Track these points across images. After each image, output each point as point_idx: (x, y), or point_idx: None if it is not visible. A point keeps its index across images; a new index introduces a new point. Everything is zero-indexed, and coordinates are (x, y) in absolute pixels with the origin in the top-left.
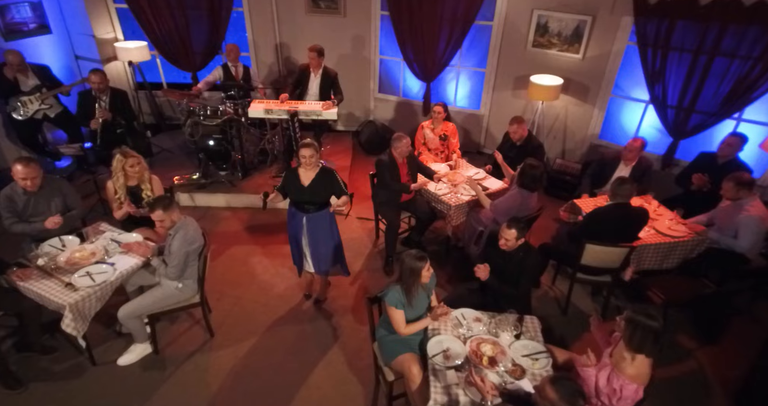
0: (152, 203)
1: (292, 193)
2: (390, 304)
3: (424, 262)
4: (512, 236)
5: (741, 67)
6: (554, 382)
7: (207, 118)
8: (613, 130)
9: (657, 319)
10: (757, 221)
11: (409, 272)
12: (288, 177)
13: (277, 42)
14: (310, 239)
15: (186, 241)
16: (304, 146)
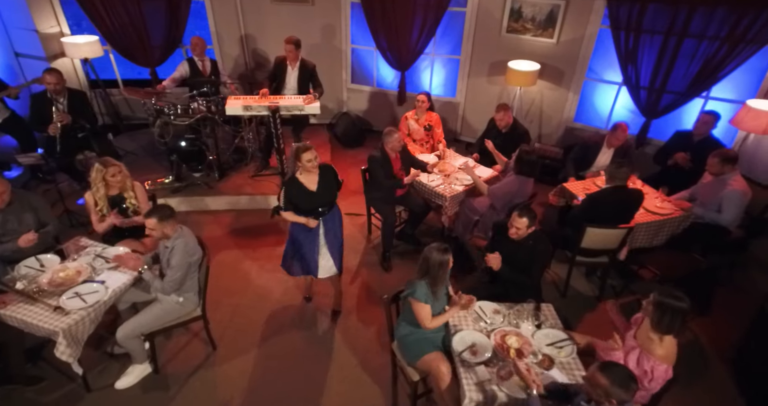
0: (150, 210)
1: (302, 203)
2: (420, 300)
3: (449, 254)
4: (524, 224)
5: (709, 48)
6: (604, 369)
7: (178, 117)
8: (587, 113)
9: (684, 300)
10: (740, 195)
11: (438, 266)
12: (290, 189)
13: (243, 33)
14: (329, 240)
15: (187, 253)
16: (305, 150)
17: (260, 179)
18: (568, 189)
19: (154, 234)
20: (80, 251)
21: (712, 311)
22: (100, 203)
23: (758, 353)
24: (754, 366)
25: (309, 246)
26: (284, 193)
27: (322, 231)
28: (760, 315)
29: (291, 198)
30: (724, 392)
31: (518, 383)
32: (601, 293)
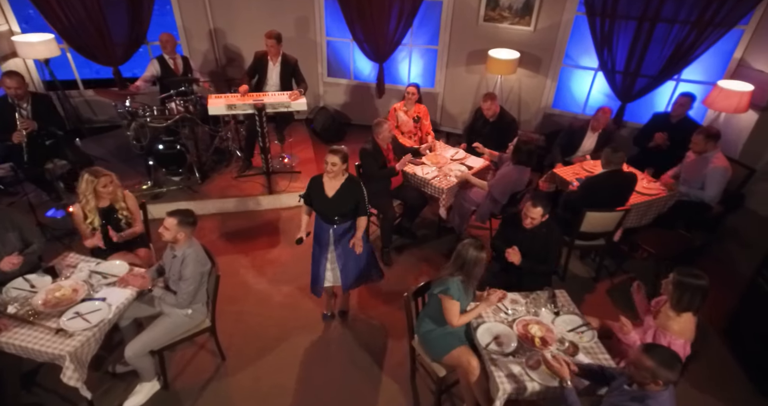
0: (175, 210)
1: (316, 203)
2: (453, 297)
3: (484, 250)
4: (538, 214)
5: (680, 32)
6: (649, 350)
7: (154, 118)
8: (565, 99)
9: (704, 277)
10: (723, 172)
11: (473, 263)
12: (312, 184)
13: (212, 27)
14: (338, 253)
15: (199, 262)
16: (331, 152)
17: (245, 180)
18: (558, 174)
19: (166, 235)
20: (71, 267)
21: None
22: (90, 216)
23: (750, 324)
24: (746, 336)
25: (318, 250)
26: (308, 185)
27: (332, 241)
28: (751, 287)
29: (309, 192)
30: (722, 362)
31: (547, 370)
32: (597, 274)
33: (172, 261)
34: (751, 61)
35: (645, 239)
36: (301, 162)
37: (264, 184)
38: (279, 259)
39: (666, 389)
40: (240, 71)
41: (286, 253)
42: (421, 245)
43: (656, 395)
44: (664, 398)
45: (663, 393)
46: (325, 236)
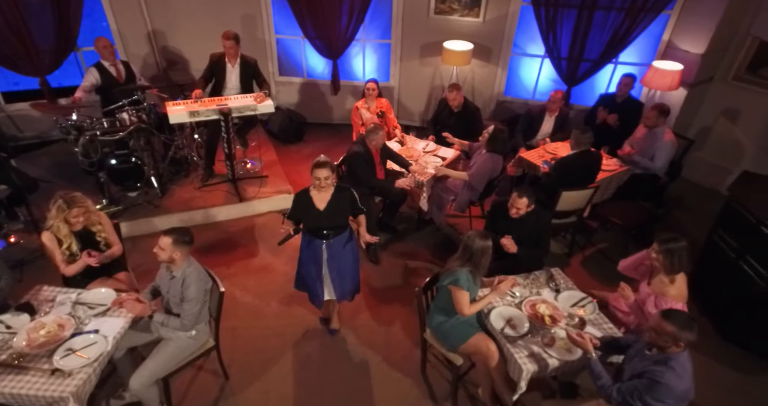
0: (170, 229)
1: (307, 220)
2: (463, 287)
3: (490, 240)
4: (524, 204)
5: (616, 19)
6: (667, 316)
7: (105, 132)
8: (515, 86)
9: (682, 239)
10: (671, 145)
11: (480, 253)
12: (299, 201)
13: (149, 29)
14: (332, 267)
15: (201, 281)
16: (318, 167)
17: (209, 190)
18: (524, 158)
19: (161, 256)
20: (48, 302)
21: None
22: (66, 241)
23: (711, 280)
24: (709, 292)
25: (313, 269)
26: (293, 202)
27: (325, 257)
28: (707, 246)
29: (297, 210)
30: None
31: (563, 346)
32: (570, 250)
33: (170, 283)
34: (677, 43)
35: (611, 212)
36: (266, 166)
37: (231, 192)
38: (263, 268)
39: (685, 349)
40: (184, 75)
41: (268, 260)
42: (403, 239)
43: (677, 357)
44: (684, 358)
45: (683, 354)
46: (317, 253)
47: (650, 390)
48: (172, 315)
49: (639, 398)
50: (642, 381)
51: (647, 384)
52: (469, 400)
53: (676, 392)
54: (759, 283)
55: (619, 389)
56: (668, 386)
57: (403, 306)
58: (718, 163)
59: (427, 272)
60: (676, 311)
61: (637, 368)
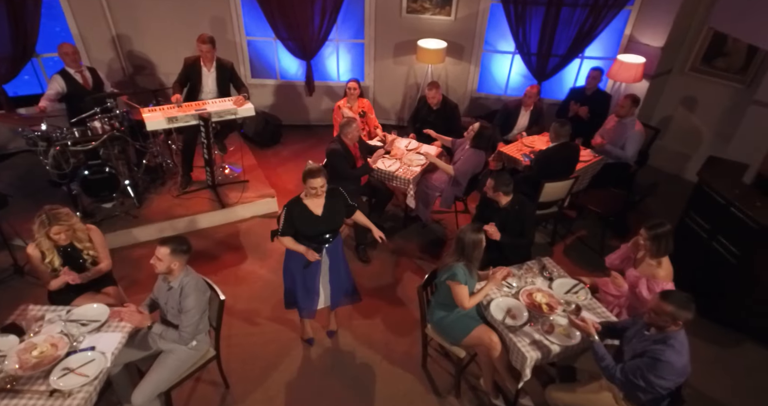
0: (166, 238)
1: (306, 229)
2: (460, 282)
3: (481, 233)
4: (490, 184)
5: (581, 15)
6: (666, 297)
7: (77, 141)
8: (488, 82)
9: (667, 223)
10: (640, 134)
11: (472, 245)
12: (293, 212)
13: (114, 34)
14: (332, 272)
15: (200, 291)
16: (311, 177)
17: (188, 197)
18: (505, 153)
19: (159, 267)
20: (37, 320)
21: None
22: (49, 255)
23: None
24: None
25: (308, 279)
26: (285, 215)
27: (327, 263)
28: (680, 227)
29: (291, 222)
30: None
31: (562, 332)
32: (552, 239)
33: (167, 294)
34: (639, 37)
35: (589, 201)
36: (245, 170)
37: (213, 199)
38: (252, 274)
39: (682, 328)
40: (152, 80)
41: (256, 266)
42: (390, 237)
43: (675, 335)
44: (682, 336)
45: (680, 332)
46: (317, 263)
47: (652, 368)
48: (170, 327)
49: (642, 377)
50: (644, 360)
51: (649, 363)
52: (471, 391)
53: (676, 369)
54: (730, 260)
55: (623, 369)
56: (669, 363)
57: (398, 303)
58: (679, 150)
59: (417, 268)
60: (674, 291)
61: (637, 349)
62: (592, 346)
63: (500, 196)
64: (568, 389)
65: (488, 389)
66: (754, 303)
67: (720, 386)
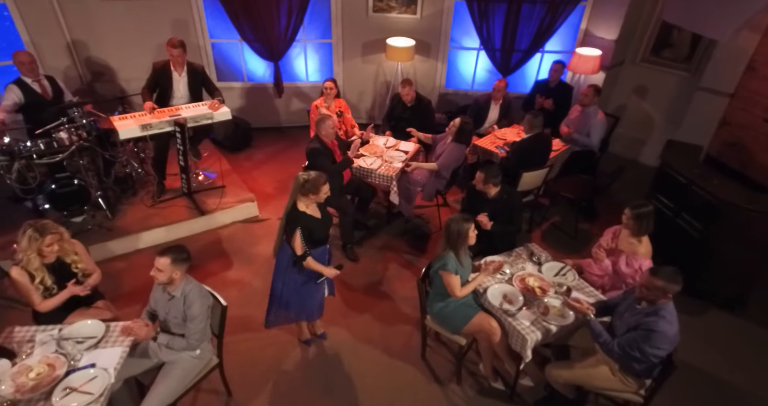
0: (165, 249)
1: (318, 233)
2: (451, 271)
3: (470, 223)
4: (480, 178)
5: (540, 11)
6: (655, 272)
7: (42, 154)
8: (455, 79)
9: (649, 204)
10: (603, 122)
11: (456, 235)
12: (304, 223)
13: (68, 40)
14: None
15: (203, 297)
16: (325, 182)
17: (164, 206)
18: (479, 146)
19: (160, 277)
20: (27, 342)
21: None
22: (39, 275)
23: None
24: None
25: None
26: (302, 233)
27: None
28: None
29: (308, 233)
30: None
31: (557, 312)
32: (530, 226)
33: (168, 304)
34: (594, 31)
35: (562, 188)
36: (220, 176)
37: (190, 206)
38: (240, 279)
39: (671, 300)
40: (112, 86)
41: (244, 271)
42: (376, 235)
43: (666, 306)
44: (671, 307)
45: (670, 304)
46: (321, 259)
47: (648, 339)
48: (175, 336)
49: (637, 348)
50: (639, 333)
51: (644, 334)
52: (471, 377)
53: (669, 337)
54: (694, 235)
55: (619, 343)
56: (663, 332)
57: (390, 298)
58: (634, 136)
59: (405, 262)
60: (663, 267)
61: (630, 322)
62: (588, 324)
63: (490, 188)
64: (566, 366)
65: (488, 374)
66: (716, 273)
67: (692, 349)
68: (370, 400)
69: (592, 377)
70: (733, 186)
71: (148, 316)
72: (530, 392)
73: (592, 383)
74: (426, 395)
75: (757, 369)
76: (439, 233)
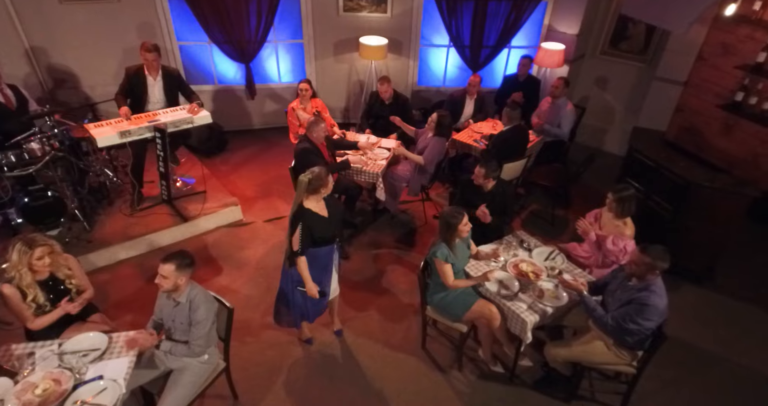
0: (169, 255)
1: (322, 232)
2: (441, 258)
3: (461, 217)
4: (481, 173)
5: (506, 8)
6: (644, 249)
7: (14, 166)
8: (427, 76)
9: (630, 187)
10: (573, 113)
11: (446, 227)
12: (306, 220)
13: (27, 47)
14: (338, 265)
15: (209, 301)
16: (329, 173)
17: (144, 214)
18: (457, 140)
19: (165, 285)
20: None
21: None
22: (31, 292)
23: None
24: None
25: (325, 277)
26: (302, 228)
27: (336, 258)
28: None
29: (308, 232)
30: None
31: (551, 295)
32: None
33: (174, 311)
34: (556, 26)
35: (539, 177)
36: (199, 181)
37: (171, 214)
38: (231, 285)
39: (659, 275)
40: (75, 93)
41: (235, 276)
42: (364, 232)
43: (655, 281)
44: (660, 282)
45: (658, 279)
46: (327, 259)
47: (640, 312)
48: (178, 343)
49: (631, 320)
50: (632, 307)
51: (637, 308)
52: (471, 363)
53: (659, 310)
54: (665, 215)
55: (613, 317)
56: (654, 305)
57: (385, 293)
58: (597, 126)
59: (394, 256)
60: (652, 245)
61: (623, 298)
62: (582, 299)
63: (489, 182)
64: (564, 344)
65: (487, 359)
66: (687, 250)
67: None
68: (376, 392)
69: (588, 353)
70: (697, 167)
71: (153, 326)
72: (528, 372)
73: (589, 359)
74: (430, 382)
75: (728, 335)
76: (425, 227)
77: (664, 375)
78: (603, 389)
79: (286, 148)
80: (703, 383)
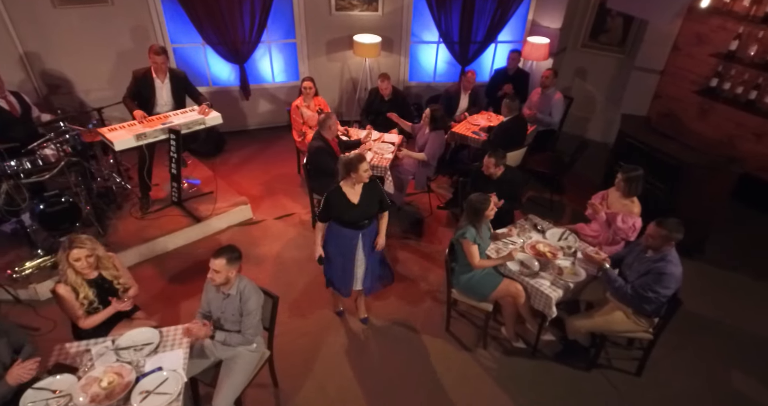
0: (219, 251)
1: (343, 214)
2: (469, 239)
3: (488, 203)
4: (491, 163)
5: (492, 4)
6: (660, 223)
7: (30, 173)
8: (418, 72)
9: (639, 168)
10: (562, 102)
11: (474, 212)
12: (332, 199)
13: (21, 52)
14: (367, 255)
15: (258, 292)
16: (361, 161)
17: (156, 217)
18: (457, 133)
19: (217, 279)
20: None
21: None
22: (82, 291)
23: None
24: None
25: (341, 261)
26: (323, 202)
27: (360, 246)
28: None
29: (329, 208)
30: None
31: (570, 271)
32: None
33: (224, 303)
34: (540, 21)
35: (536, 164)
36: (206, 182)
37: (183, 215)
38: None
39: (674, 246)
40: (70, 98)
41: (255, 272)
42: None
43: (671, 251)
44: (675, 252)
45: (673, 249)
46: (351, 243)
47: (659, 281)
48: (231, 332)
49: (650, 289)
50: (650, 276)
51: (655, 278)
52: (494, 341)
53: (676, 277)
54: (659, 195)
55: (633, 287)
56: (671, 274)
57: (401, 281)
58: (580, 115)
59: (405, 246)
60: (668, 219)
61: (641, 269)
62: (605, 272)
63: (499, 170)
64: (586, 316)
65: (510, 336)
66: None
67: None
68: (408, 373)
69: (610, 322)
70: (686, 149)
71: (201, 317)
72: (549, 346)
73: (610, 328)
74: (457, 361)
75: (719, 301)
76: (430, 217)
77: (671, 340)
78: (618, 356)
79: (284, 147)
80: (704, 344)
